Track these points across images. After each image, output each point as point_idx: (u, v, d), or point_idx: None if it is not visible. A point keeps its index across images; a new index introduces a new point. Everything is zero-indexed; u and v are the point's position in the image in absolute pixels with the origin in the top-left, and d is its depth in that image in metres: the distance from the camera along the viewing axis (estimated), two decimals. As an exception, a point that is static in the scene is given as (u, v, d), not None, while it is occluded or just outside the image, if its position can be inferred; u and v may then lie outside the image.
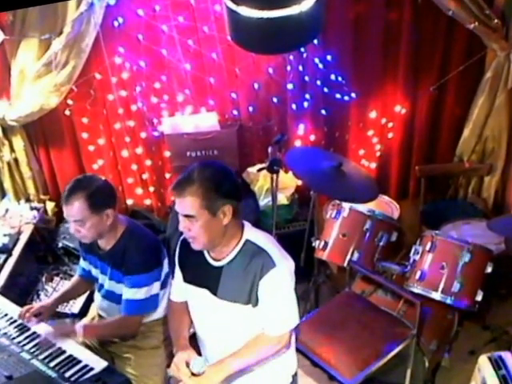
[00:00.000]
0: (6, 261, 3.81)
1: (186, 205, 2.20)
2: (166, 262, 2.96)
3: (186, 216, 2.22)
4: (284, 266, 2.29)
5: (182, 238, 2.48)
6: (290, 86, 4.41)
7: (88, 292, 3.61)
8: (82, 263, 3.13)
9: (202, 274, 2.42)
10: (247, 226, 2.38)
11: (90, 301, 3.54)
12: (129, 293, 2.82)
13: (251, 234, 2.35)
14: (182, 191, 2.20)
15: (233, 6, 2.89)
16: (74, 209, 2.66)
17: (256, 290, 2.27)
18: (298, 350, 3.05)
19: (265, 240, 2.34)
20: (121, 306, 2.92)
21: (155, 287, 2.86)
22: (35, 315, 2.94)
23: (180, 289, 2.60)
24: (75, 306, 3.73)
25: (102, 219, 2.72)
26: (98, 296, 3.09)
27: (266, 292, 2.27)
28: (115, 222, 2.80)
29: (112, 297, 2.96)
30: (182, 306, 2.61)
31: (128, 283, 2.81)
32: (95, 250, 2.92)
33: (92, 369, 2.60)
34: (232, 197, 2.26)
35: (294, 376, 2.63)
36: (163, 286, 2.92)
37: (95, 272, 3.03)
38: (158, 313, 2.97)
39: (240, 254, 2.32)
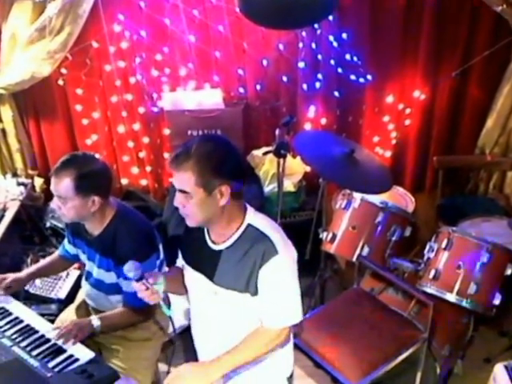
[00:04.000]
0: (-12, 239, 3.78)
1: (182, 180, 2.18)
2: (160, 248, 2.91)
3: (181, 191, 2.20)
4: (287, 254, 2.26)
5: None
6: (301, 65, 4.39)
7: (75, 278, 3.59)
8: (67, 245, 3.10)
9: (200, 256, 2.39)
10: (250, 210, 2.35)
11: (77, 286, 3.51)
12: (127, 285, 2.77)
13: (254, 218, 2.32)
14: (178, 165, 2.18)
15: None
16: (60, 184, 2.62)
17: (255, 278, 2.25)
18: (300, 350, 3.06)
19: (268, 226, 2.31)
20: (111, 296, 2.89)
21: None
22: (7, 288, 2.92)
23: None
24: (61, 291, 3.71)
25: (86, 204, 2.67)
26: (85, 284, 3.05)
27: (266, 281, 2.24)
28: (103, 207, 2.75)
29: (101, 286, 2.92)
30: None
31: (124, 274, 2.75)
32: (83, 234, 2.88)
33: (77, 359, 2.57)
34: (231, 176, 2.21)
35: (290, 378, 2.60)
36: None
37: (83, 257, 3.00)
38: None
39: (241, 238, 2.29)
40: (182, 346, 3.45)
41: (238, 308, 2.34)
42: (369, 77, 4.44)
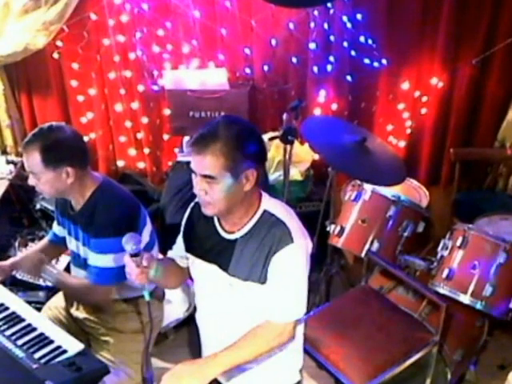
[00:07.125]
0: (-26, 220, 3.77)
1: (207, 164, 2.14)
2: (146, 231, 2.88)
3: (205, 176, 2.17)
4: (302, 244, 2.26)
5: (192, 204, 2.46)
6: (312, 46, 4.37)
7: (66, 264, 3.57)
8: (56, 228, 3.09)
9: (211, 247, 2.38)
10: (265, 195, 2.35)
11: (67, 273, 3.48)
12: (95, 259, 2.75)
13: (269, 203, 2.33)
14: (203, 148, 2.14)
15: None
16: (30, 160, 2.64)
17: (267, 266, 2.24)
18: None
19: (284, 212, 2.31)
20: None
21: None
22: None
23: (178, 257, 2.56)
24: (51, 278, 3.68)
25: (60, 177, 2.66)
26: (73, 267, 3.03)
27: (276, 270, 2.24)
28: (84, 179, 2.75)
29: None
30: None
31: (93, 247, 2.74)
32: (68, 211, 2.87)
33: (65, 351, 2.55)
34: (257, 160, 2.23)
35: (301, 371, 2.59)
36: None
37: (69, 239, 2.97)
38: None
39: (257, 225, 2.28)
40: (176, 341, 3.43)
41: (255, 300, 2.32)
42: (384, 61, 4.40)
